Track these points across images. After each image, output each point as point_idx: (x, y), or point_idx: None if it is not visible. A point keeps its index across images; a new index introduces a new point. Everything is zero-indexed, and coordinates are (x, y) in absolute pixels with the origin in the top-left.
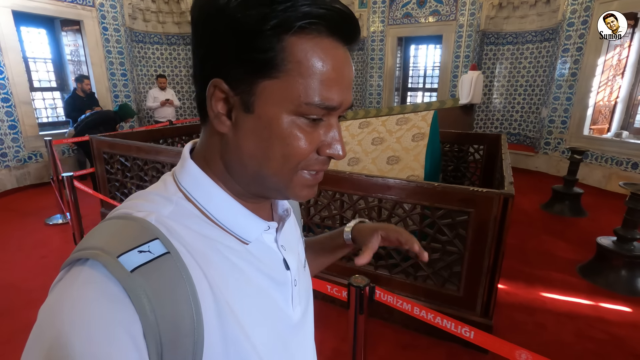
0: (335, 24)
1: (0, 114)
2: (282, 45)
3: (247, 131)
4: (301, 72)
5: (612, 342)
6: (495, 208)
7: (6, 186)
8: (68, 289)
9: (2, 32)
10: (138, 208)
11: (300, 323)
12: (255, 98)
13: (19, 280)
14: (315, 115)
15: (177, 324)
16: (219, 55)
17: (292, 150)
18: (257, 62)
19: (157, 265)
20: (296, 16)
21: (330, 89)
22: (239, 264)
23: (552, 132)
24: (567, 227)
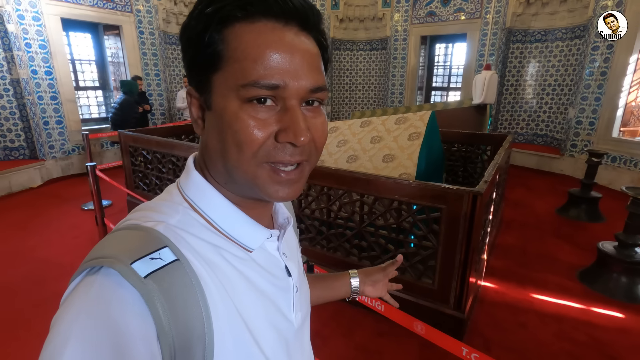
0: (265, 5)
1: (49, 110)
2: (220, 38)
3: (210, 128)
4: (236, 57)
5: (592, 345)
6: (465, 205)
7: (52, 175)
8: (84, 296)
9: (52, 38)
10: (146, 218)
11: (300, 330)
12: (211, 93)
13: (53, 256)
14: (256, 95)
15: (189, 328)
16: (187, 66)
17: (241, 137)
18: (205, 59)
19: (168, 271)
20: (230, 8)
21: (266, 67)
22: (244, 271)
23: (579, 134)
24: (578, 231)
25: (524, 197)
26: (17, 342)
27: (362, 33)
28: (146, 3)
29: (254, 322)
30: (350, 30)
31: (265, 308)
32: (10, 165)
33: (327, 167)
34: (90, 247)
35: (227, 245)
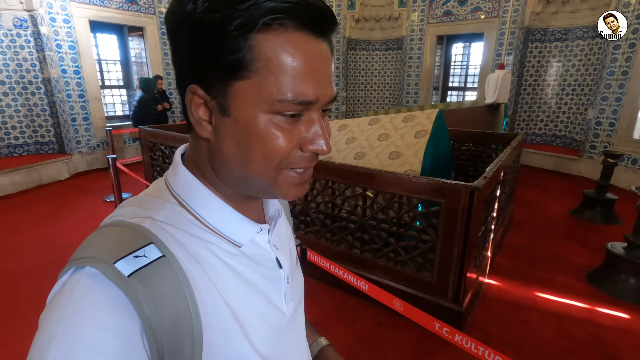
0: (302, 17)
1: (77, 107)
2: (249, 45)
3: (226, 135)
4: (271, 70)
5: (593, 344)
6: (463, 200)
7: (78, 168)
8: (68, 296)
9: (81, 39)
10: (132, 214)
11: (293, 319)
12: (230, 100)
13: (77, 243)
14: (291, 111)
15: (177, 324)
16: (192, 62)
17: (271, 149)
18: (227, 64)
19: (153, 269)
20: (260, 13)
21: (303, 83)
22: (233, 265)
23: (599, 135)
24: (591, 233)
25: (538, 199)
26: None
27: (378, 33)
28: (167, 5)
29: (243, 315)
30: (366, 30)
31: (255, 301)
32: (40, 159)
33: (332, 162)
34: None
35: (216, 241)
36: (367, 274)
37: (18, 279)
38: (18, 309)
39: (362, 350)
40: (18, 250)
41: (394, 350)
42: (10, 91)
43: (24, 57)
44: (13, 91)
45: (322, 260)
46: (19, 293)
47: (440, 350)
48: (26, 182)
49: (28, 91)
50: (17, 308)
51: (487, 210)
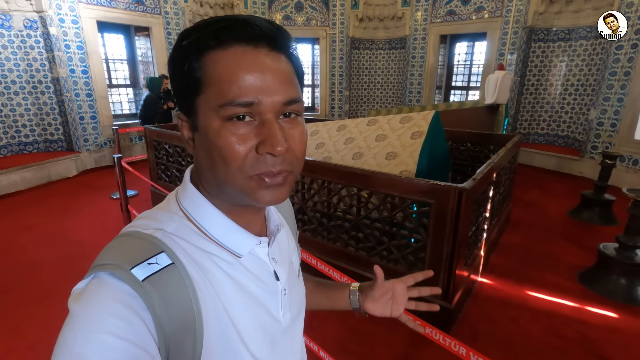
0: (238, 34)
1: (85, 106)
2: (200, 65)
3: (199, 147)
4: (214, 81)
5: (580, 342)
6: (452, 201)
7: (86, 166)
8: (90, 292)
9: (89, 39)
10: (146, 226)
11: (290, 328)
12: (196, 116)
13: (84, 238)
14: (236, 113)
15: (182, 323)
16: (175, 93)
17: (226, 152)
18: (188, 85)
19: (164, 274)
20: (203, 39)
21: (240, 87)
22: (233, 274)
23: (600, 135)
24: (588, 234)
25: (537, 199)
26: (51, 310)
27: (382, 32)
28: (174, 5)
29: (240, 321)
30: (370, 29)
31: (252, 308)
32: (50, 156)
33: (328, 162)
34: (116, 231)
35: (217, 251)
36: (362, 272)
37: (29, 272)
38: (30, 300)
39: (356, 344)
40: (29, 245)
41: (386, 345)
42: (21, 90)
43: (34, 57)
44: (23, 90)
45: (309, 257)
46: (30, 285)
47: (430, 345)
48: (36, 178)
49: (38, 90)
50: (30, 299)
51: (477, 210)
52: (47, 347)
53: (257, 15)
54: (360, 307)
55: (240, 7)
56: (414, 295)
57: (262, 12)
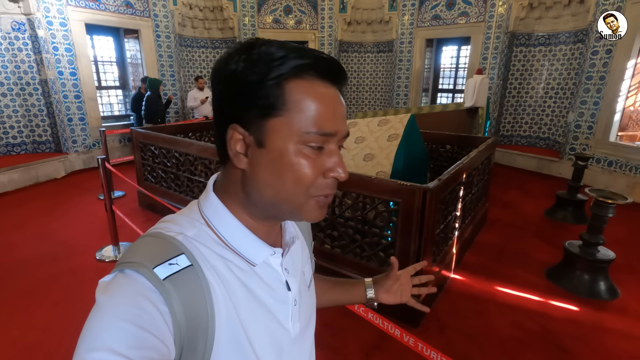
0: (321, 70)
1: (73, 108)
2: (281, 91)
3: (262, 164)
4: (299, 108)
5: (541, 334)
6: (417, 200)
7: (75, 167)
8: (115, 286)
9: (77, 42)
10: (168, 229)
11: (299, 338)
12: (266, 135)
13: (70, 238)
14: (315, 142)
15: (196, 322)
16: (235, 106)
17: (300, 175)
18: (263, 106)
19: (183, 275)
20: (288, 68)
21: (324, 119)
22: (246, 282)
23: (578, 138)
24: (561, 232)
25: (516, 199)
26: (37, 308)
27: (370, 36)
28: (163, 8)
29: (250, 326)
30: (358, 32)
31: (262, 316)
32: (38, 157)
33: None
34: (101, 231)
35: (233, 258)
36: (338, 269)
37: (14, 271)
38: (14, 298)
39: (329, 337)
40: (16, 245)
41: (357, 337)
42: (9, 92)
43: (22, 59)
44: (11, 92)
45: None
46: (15, 283)
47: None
48: (24, 180)
49: (26, 92)
50: (13, 297)
51: (446, 209)
52: (28, 343)
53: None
54: (375, 298)
55: (229, 10)
56: (416, 282)
57: (252, 15)
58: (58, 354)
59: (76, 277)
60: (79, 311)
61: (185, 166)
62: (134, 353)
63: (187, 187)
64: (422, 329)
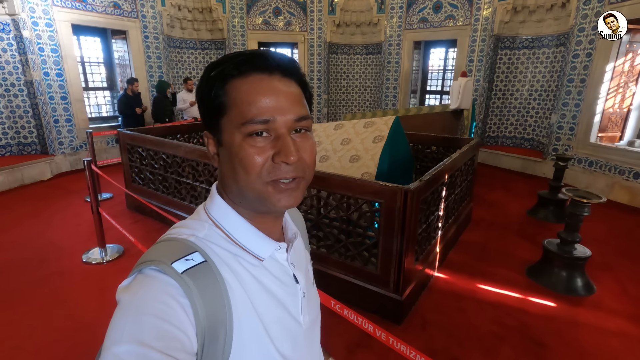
0: (256, 64)
1: (60, 109)
2: (224, 91)
3: (223, 160)
4: (236, 103)
5: (518, 329)
6: (399, 200)
7: (61, 169)
8: (138, 283)
9: (63, 43)
10: (180, 233)
11: (309, 331)
12: (221, 134)
13: (57, 240)
14: (255, 130)
15: (215, 314)
16: (203, 115)
17: (247, 162)
18: (215, 108)
19: (199, 269)
20: (227, 70)
21: (258, 107)
22: (257, 275)
23: (560, 139)
24: (542, 231)
25: (500, 199)
26: (22, 309)
27: (359, 38)
28: (151, 9)
29: (265, 317)
30: (347, 34)
31: (274, 308)
32: (23, 159)
33: None
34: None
35: (242, 254)
36: (324, 269)
37: (1, 272)
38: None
39: None
40: (1, 247)
41: (342, 336)
42: None
43: (6, 60)
44: None
45: None
46: (2, 285)
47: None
48: (8, 182)
49: (11, 93)
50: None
51: (428, 209)
52: (12, 344)
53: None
54: None
55: (219, 12)
56: None
57: (241, 17)
58: (43, 356)
59: (62, 279)
60: (64, 313)
61: (173, 168)
62: (160, 344)
63: (174, 189)
64: (405, 326)
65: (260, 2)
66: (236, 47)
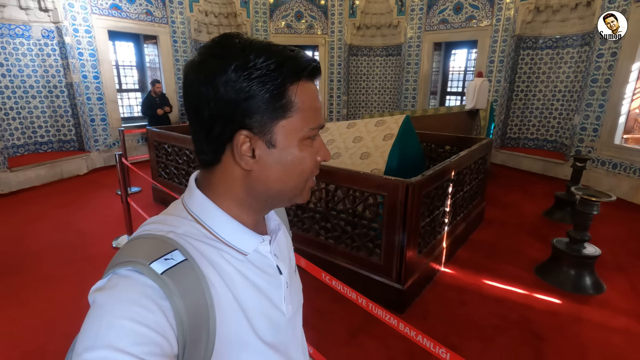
0: (311, 72)
1: (96, 109)
2: (285, 95)
3: (272, 163)
4: (302, 108)
5: (519, 322)
6: (401, 193)
7: (96, 165)
8: (113, 285)
9: (100, 48)
10: (157, 229)
11: (292, 319)
12: (276, 136)
13: (89, 228)
14: (315, 135)
15: (197, 313)
16: (239, 113)
17: (305, 165)
18: (275, 109)
19: (179, 268)
20: (288, 74)
21: (318, 114)
22: (241, 269)
23: (583, 140)
24: (557, 232)
25: (516, 200)
26: (57, 288)
27: (379, 39)
28: (180, 15)
29: (249, 311)
30: (368, 37)
31: (260, 300)
32: (62, 155)
33: None
34: (118, 222)
35: (226, 249)
36: (331, 259)
37: (37, 256)
38: (36, 280)
39: (318, 320)
40: (38, 233)
41: (344, 321)
42: (38, 94)
43: (50, 64)
44: (40, 94)
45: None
46: (39, 267)
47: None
48: (49, 175)
49: (53, 94)
50: (35, 279)
51: (432, 204)
52: (47, 318)
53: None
54: None
55: (243, 16)
56: None
57: (264, 21)
58: (74, 329)
59: (94, 262)
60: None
61: (195, 163)
62: (136, 349)
63: None
64: (406, 315)
65: (283, 6)
66: None
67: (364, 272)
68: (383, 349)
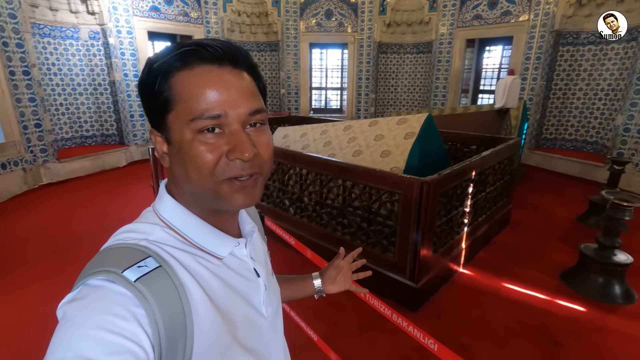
0: (198, 55)
1: (135, 106)
2: (168, 86)
3: (172, 159)
4: (184, 98)
5: (536, 327)
6: (416, 191)
7: (134, 158)
8: (85, 295)
9: (140, 47)
10: (129, 238)
11: (272, 322)
12: (169, 131)
13: (123, 215)
14: (205, 126)
15: (173, 320)
16: (147, 112)
17: (199, 161)
18: (160, 104)
19: (153, 276)
20: (170, 62)
21: (209, 102)
22: (218, 273)
23: (626, 142)
24: (588, 238)
25: (548, 203)
26: None
27: (410, 37)
28: (214, 15)
29: (228, 316)
30: (398, 34)
31: (238, 304)
32: (104, 148)
33: (318, 156)
34: None
35: (201, 254)
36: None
37: (81, 238)
38: (79, 259)
39: (331, 312)
40: (82, 219)
41: (356, 314)
42: (84, 92)
43: (96, 64)
44: (86, 92)
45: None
46: (75, 251)
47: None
48: (92, 167)
49: (97, 92)
50: (79, 258)
51: (449, 203)
52: None
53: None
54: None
55: (274, 15)
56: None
57: (294, 20)
58: None
59: None
60: None
61: None
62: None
63: None
64: (419, 313)
65: (313, 5)
66: (289, 48)
67: (379, 269)
68: (393, 345)
